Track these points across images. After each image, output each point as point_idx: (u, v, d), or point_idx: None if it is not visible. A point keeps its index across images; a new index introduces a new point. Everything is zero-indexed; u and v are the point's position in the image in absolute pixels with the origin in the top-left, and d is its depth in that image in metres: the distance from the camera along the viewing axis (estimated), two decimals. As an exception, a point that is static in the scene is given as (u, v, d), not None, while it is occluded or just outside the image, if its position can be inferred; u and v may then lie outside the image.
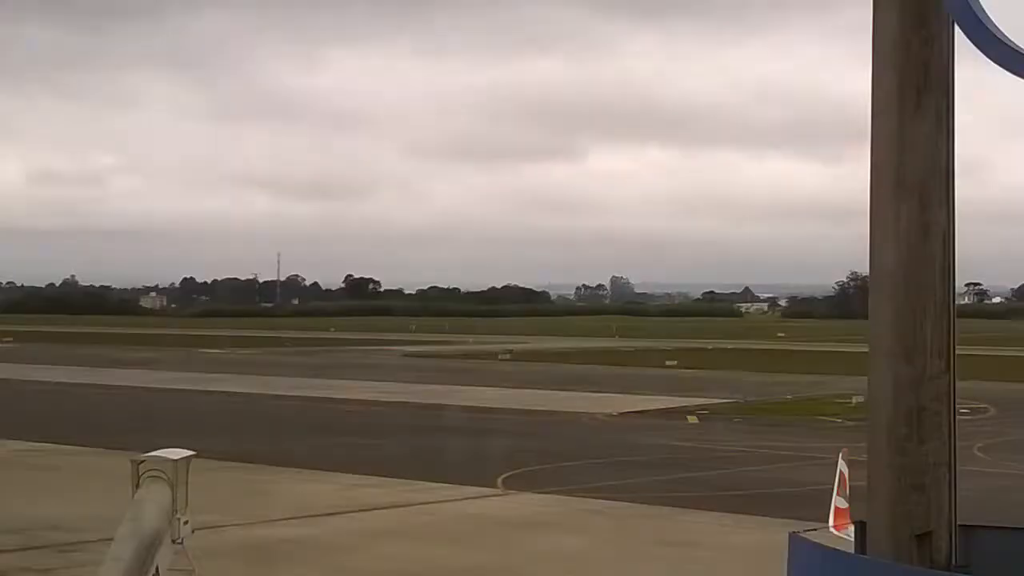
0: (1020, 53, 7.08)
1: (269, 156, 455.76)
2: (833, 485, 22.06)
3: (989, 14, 7.29)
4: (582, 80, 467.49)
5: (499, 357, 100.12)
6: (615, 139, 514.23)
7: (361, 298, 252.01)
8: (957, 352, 7.91)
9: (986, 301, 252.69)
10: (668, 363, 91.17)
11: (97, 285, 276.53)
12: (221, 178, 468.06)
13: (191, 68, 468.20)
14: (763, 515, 30.46)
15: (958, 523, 7.94)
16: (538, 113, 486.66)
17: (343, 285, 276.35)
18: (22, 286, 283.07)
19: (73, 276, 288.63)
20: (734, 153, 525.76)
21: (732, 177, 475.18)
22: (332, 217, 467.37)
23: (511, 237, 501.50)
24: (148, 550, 18.80)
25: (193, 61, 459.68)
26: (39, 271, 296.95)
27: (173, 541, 19.49)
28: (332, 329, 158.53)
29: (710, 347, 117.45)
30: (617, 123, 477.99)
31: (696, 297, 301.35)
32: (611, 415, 56.70)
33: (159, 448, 21.37)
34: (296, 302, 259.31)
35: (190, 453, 20.49)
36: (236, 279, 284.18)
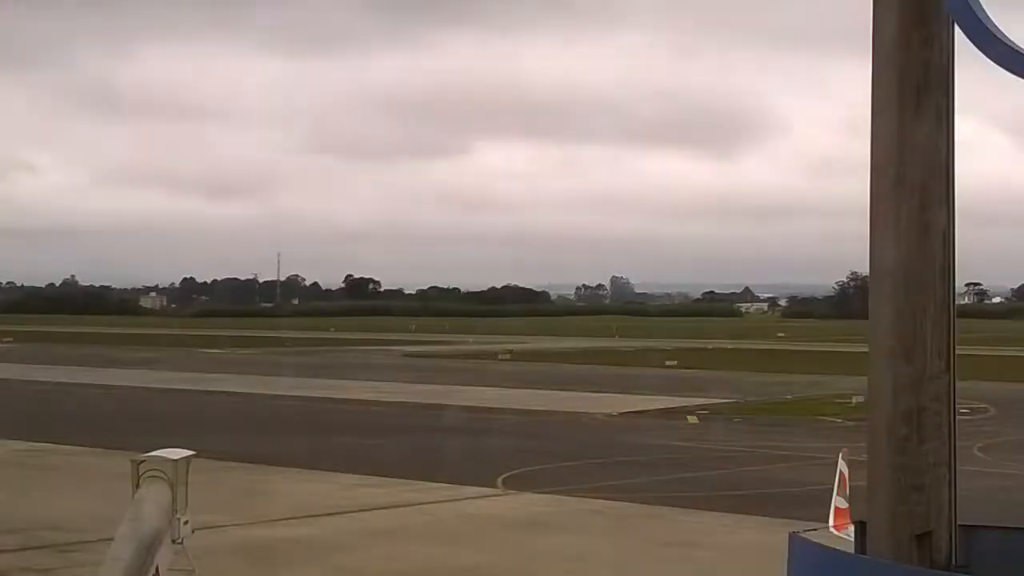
0: (1020, 53, 7.08)
1: (162, 154, 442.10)
2: (833, 485, 22.09)
3: (989, 14, 7.30)
4: (429, 78, 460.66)
5: (499, 357, 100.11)
6: (497, 135, 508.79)
7: (361, 298, 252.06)
8: (957, 352, 7.91)
9: (986, 301, 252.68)
10: (668, 363, 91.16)
11: (97, 285, 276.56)
12: (111, 175, 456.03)
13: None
14: (763, 515, 30.48)
15: (958, 523, 7.93)
16: (408, 110, 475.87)
17: (343, 285, 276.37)
18: (22, 286, 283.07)
19: (73, 276, 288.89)
20: (620, 149, 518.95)
21: (621, 173, 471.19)
22: (253, 216, 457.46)
23: (436, 236, 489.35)
24: (148, 550, 18.81)
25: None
26: (39, 271, 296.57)
27: (173, 541, 19.50)
28: (332, 329, 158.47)
29: (710, 347, 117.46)
30: (495, 119, 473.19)
31: (696, 297, 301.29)
32: (611, 415, 56.70)
33: (159, 448, 21.39)
34: (296, 302, 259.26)
35: (190, 453, 20.52)
36: (236, 279, 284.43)
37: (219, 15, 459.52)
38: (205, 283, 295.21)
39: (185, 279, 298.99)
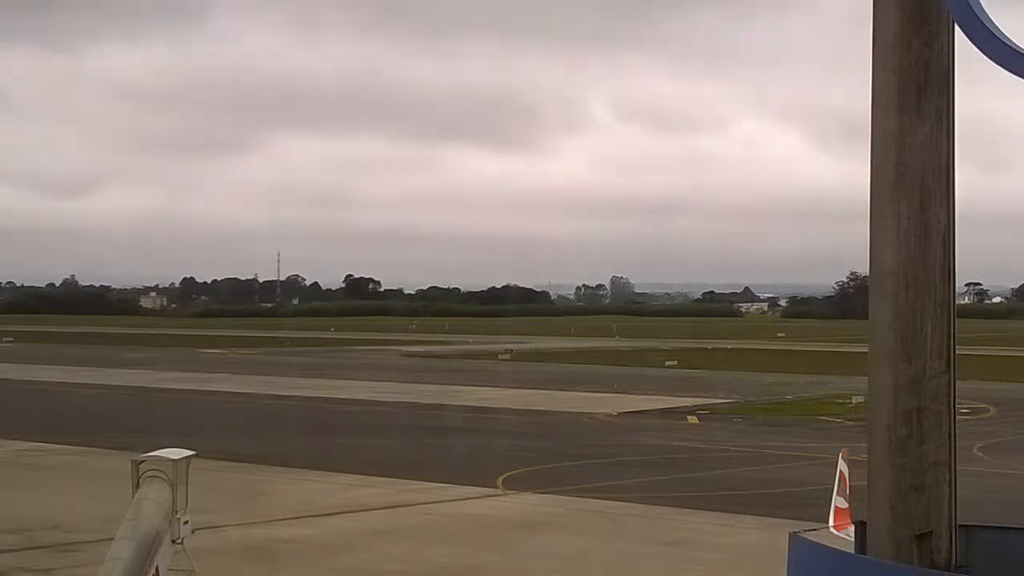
0: (1020, 53, 7.07)
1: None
2: (833, 485, 22.11)
3: (989, 14, 7.29)
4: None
5: (499, 357, 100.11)
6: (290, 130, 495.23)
7: (361, 298, 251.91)
8: (957, 352, 7.90)
9: (986, 301, 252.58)
10: (668, 363, 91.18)
11: (97, 285, 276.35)
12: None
13: None
14: (763, 515, 30.51)
15: (958, 523, 7.92)
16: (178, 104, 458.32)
17: (343, 285, 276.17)
18: (22, 286, 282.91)
19: (73, 276, 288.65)
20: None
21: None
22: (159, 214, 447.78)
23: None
24: (148, 550, 18.81)
25: None
26: (39, 271, 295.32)
27: (173, 541, 19.51)
28: (332, 329, 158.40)
29: (710, 347, 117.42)
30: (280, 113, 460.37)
31: (696, 297, 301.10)
32: (611, 415, 56.71)
33: (159, 448, 21.40)
34: (296, 302, 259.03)
35: (190, 453, 20.54)
36: (236, 279, 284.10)
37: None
38: (205, 283, 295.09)
39: (185, 279, 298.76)
